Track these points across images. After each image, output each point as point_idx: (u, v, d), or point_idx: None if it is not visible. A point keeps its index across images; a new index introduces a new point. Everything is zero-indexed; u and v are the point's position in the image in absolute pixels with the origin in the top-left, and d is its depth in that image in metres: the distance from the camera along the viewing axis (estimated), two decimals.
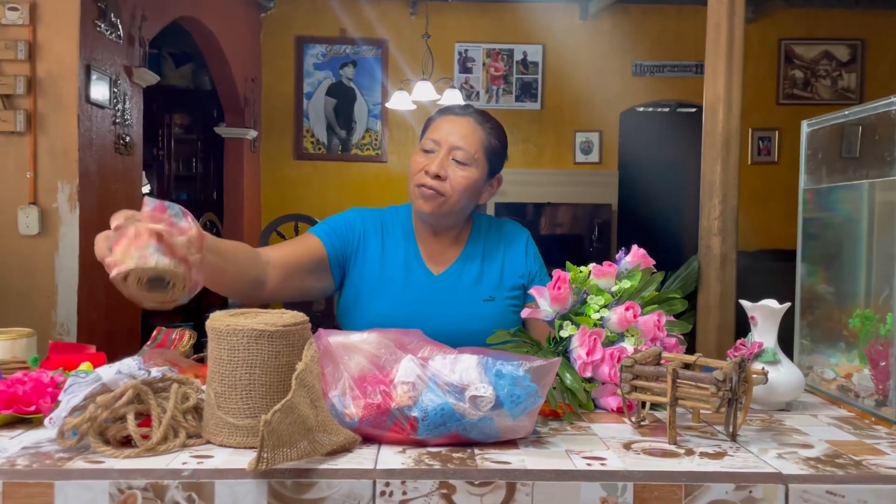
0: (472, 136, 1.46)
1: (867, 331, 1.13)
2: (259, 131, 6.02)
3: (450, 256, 1.53)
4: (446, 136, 1.45)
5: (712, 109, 3.26)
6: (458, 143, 1.44)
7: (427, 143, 1.47)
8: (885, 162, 1.07)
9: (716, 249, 3.44)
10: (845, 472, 0.87)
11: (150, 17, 3.98)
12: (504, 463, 0.88)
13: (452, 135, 1.45)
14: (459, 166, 1.44)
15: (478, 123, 1.48)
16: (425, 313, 1.45)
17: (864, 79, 6.39)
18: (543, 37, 6.25)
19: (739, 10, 3.18)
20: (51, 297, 3.26)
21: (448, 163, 1.44)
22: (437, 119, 1.50)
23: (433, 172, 1.42)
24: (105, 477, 0.83)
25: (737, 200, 3.34)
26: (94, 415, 0.89)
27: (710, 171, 3.33)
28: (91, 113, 3.36)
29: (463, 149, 1.44)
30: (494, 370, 0.94)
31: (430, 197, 1.44)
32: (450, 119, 1.48)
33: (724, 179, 3.31)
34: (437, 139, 1.46)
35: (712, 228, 3.47)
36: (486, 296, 1.49)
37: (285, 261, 1.40)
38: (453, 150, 1.44)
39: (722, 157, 3.33)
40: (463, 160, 1.44)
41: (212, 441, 0.93)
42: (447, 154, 1.44)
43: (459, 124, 1.47)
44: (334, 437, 0.90)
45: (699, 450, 0.94)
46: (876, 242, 1.12)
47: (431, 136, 1.47)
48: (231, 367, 0.92)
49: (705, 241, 3.46)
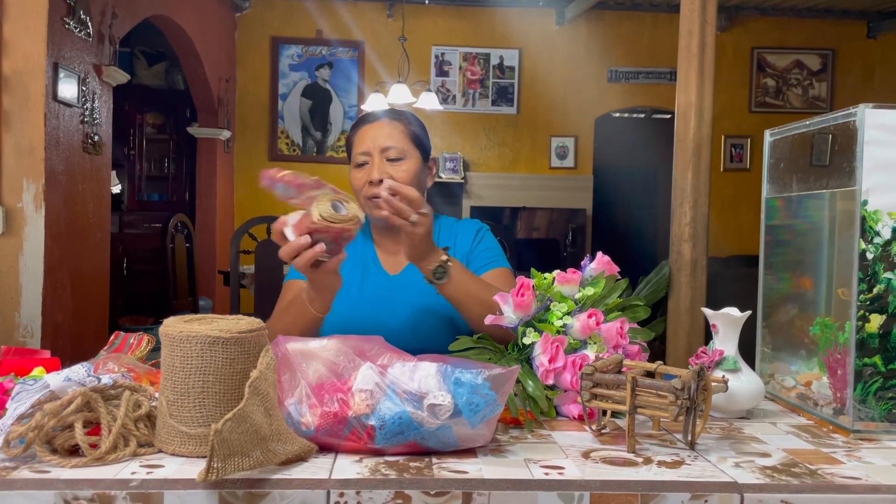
0: (393, 132, 1.50)
1: (827, 339, 1.13)
2: (233, 132, 5.97)
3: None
4: (372, 143, 1.49)
5: (684, 116, 3.29)
6: (385, 144, 1.48)
7: (358, 158, 1.50)
8: (845, 172, 1.07)
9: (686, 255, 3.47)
10: (800, 481, 0.87)
11: (121, 14, 3.92)
12: (461, 472, 0.87)
13: (377, 139, 1.49)
14: (396, 163, 1.48)
15: (393, 119, 1.53)
16: (382, 311, 1.49)
17: (834, 88, 6.50)
18: (520, 41, 6.27)
19: (711, 18, 3.22)
20: (14, 299, 3.19)
21: (384, 165, 1.48)
22: (357, 132, 1.54)
23: (375, 179, 1.45)
24: (50, 487, 0.81)
25: (708, 207, 3.37)
26: (40, 423, 0.86)
27: (681, 177, 3.35)
28: (58, 111, 3.30)
29: (392, 146, 1.48)
30: (453, 378, 0.93)
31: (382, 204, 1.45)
32: (367, 127, 1.53)
33: (696, 186, 3.34)
34: (366, 150, 1.49)
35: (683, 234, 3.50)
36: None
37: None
38: (384, 151, 1.48)
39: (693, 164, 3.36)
40: (396, 156, 1.48)
41: (164, 450, 0.91)
42: (380, 158, 1.48)
43: (378, 127, 1.51)
44: (289, 446, 0.88)
45: (657, 458, 0.94)
46: (836, 251, 1.13)
47: (359, 150, 1.50)
48: (184, 374, 0.90)
49: (676, 247, 3.49)
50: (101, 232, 3.86)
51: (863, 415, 1.05)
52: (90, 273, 3.70)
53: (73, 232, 3.49)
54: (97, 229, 3.79)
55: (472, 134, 6.26)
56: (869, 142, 1.04)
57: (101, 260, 3.87)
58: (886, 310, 1.04)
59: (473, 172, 6.29)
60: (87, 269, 3.66)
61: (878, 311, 1.04)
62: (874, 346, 1.04)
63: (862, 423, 1.05)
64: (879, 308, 1.04)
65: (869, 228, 1.04)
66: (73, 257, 3.48)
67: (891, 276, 1.04)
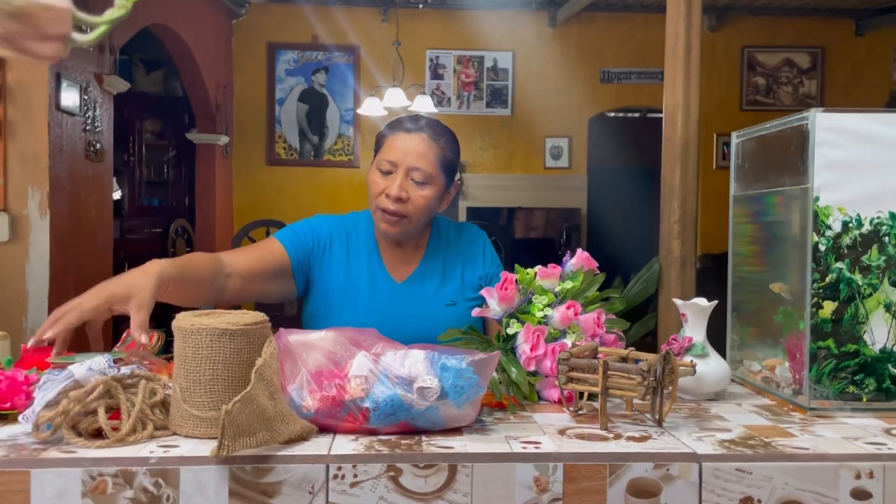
0: (428, 153, 1.48)
1: (789, 326, 1.23)
2: (231, 137, 6.06)
3: (411, 264, 1.58)
4: (402, 157, 1.46)
5: (671, 116, 3.38)
6: (414, 164, 1.46)
7: (384, 165, 1.48)
8: (800, 171, 1.17)
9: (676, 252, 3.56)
10: (754, 451, 0.96)
11: (120, 24, 3.99)
12: (448, 448, 0.96)
13: (409, 155, 1.46)
14: (419, 186, 1.47)
15: (432, 139, 1.49)
16: (390, 321, 1.47)
17: (824, 85, 6.60)
18: (513, 44, 6.37)
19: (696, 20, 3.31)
20: (21, 303, 3.28)
21: (407, 184, 1.47)
22: (390, 136, 1.51)
23: (394, 196, 1.45)
24: (78, 465, 0.90)
25: (696, 204, 3.46)
26: (67, 409, 0.96)
27: (669, 175, 3.45)
28: (61, 120, 3.39)
29: (420, 169, 1.46)
30: (440, 364, 1.02)
31: (394, 222, 1.48)
32: (403, 136, 1.49)
33: (684, 184, 3.43)
34: (394, 160, 1.47)
35: (672, 232, 3.59)
36: (447, 301, 1.56)
37: (247, 267, 1.47)
38: (411, 171, 1.46)
39: (681, 162, 3.45)
40: (421, 180, 1.47)
41: (178, 433, 1.00)
42: (405, 175, 1.47)
43: (414, 142, 1.48)
44: (292, 426, 0.97)
45: (627, 434, 1.03)
46: (793, 244, 1.22)
47: (387, 157, 1.48)
48: (195, 363, 0.99)
49: (666, 244, 3.57)
50: (104, 237, 3.95)
51: (818, 394, 1.14)
52: (94, 278, 3.76)
53: (77, 238, 3.58)
54: (100, 235, 3.88)
55: (468, 136, 6.35)
56: (820, 143, 1.13)
57: (105, 265, 3.96)
58: (838, 297, 1.13)
59: (469, 174, 6.38)
60: (91, 274, 3.75)
61: (831, 298, 1.13)
62: (827, 330, 1.14)
63: (818, 401, 1.14)
64: (832, 295, 1.13)
65: (821, 223, 1.13)
66: (77, 262, 3.57)
67: (841, 266, 1.13)
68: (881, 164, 1.13)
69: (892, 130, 1.13)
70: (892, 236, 1.13)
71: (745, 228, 1.41)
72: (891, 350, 1.13)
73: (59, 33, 0.60)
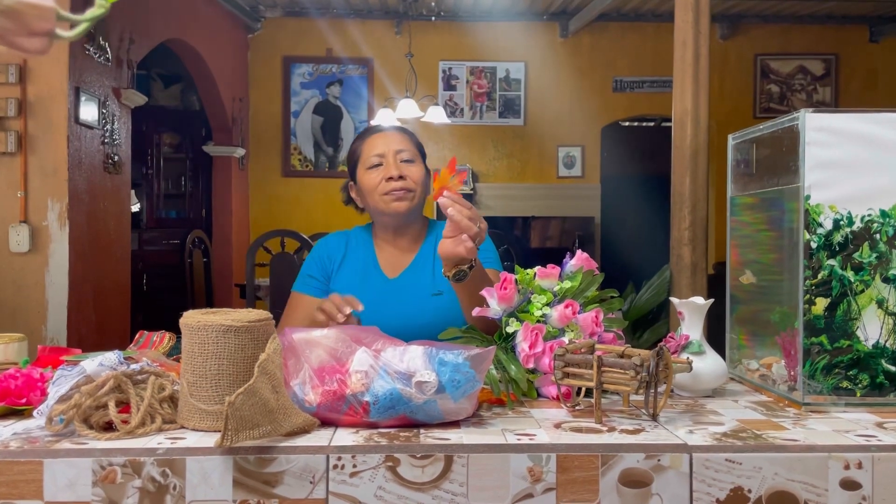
0: (403, 140, 1.66)
1: (784, 325, 1.24)
2: (247, 149, 6.14)
3: (404, 261, 1.69)
4: (387, 146, 1.63)
5: (680, 124, 3.40)
6: (399, 147, 1.63)
7: (372, 160, 1.63)
8: (791, 170, 1.19)
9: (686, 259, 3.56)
10: (744, 443, 0.98)
11: (138, 40, 4.10)
12: (444, 440, 0.99)
13: (390, 144, 1.64)
14: (409, 164, 1.63)
15: (400, 132, 1.69)
16: (381, 312, 1.56)
17: (838, 92, 6.57)
18: (525, 54, 6.41)
19: (704, 28, 3.33)
20: (41, 312, 3.35)
21: (400, 164, 1.62)
22: (367, 139, 1.67)
23: (396, 174, 1.59)
24: (88, 455, 0.94)
25: (706, 211, 3.46)
26: (78, 402, 1.00)
27: (679, 182, 3.46)
28: (80, 133, 3.47)
29: (405, 150, 1.64)
30: (438, 359, 1.05)
31: (402, 197, 1.61)
32: (378, 135, 1.67)
33: (693, 191, 3.45)
34: (381, 152, 1.63)
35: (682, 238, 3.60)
36: (435, 290, 1.63)
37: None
38: (398, 153, 1.63)
39: (691, 169, 3.47)
40: (409, 158, 1.63)
41: (185, 426, 1.04)
42: (394, 158, 1.62)
43: (389, 135, 1.66)
44: (294, 419, 1.01)
45: (620, 427, 1.06)
46: (786, 242, 1.24)
47: (373, 153, 1.64)
48: (202, 359, 1.03)
49: (676, 251, 3.58)
50: (122, 248, 4.02)
51: (812, 389, 1.16)
52: (112, 288, 3.86)
53: (96, 249, 3.66)
54: (118, 246, 3.95)
55: (481, 146, 6.39)
56: (810, 143, 1.15)
57: (123, 275, 4.04)
58: (830, 293, 1.15)
59: (483, 183, 6.42)
60: (109, 285, 3.83)
61: (823, 294, 1.15)
62: (820, 326, 1.15)
63: (812, 396, 1.16)
64: (824, 292, 1.15)
65: (812, 221, 1.15)
66: (95, 273, 3.64)
67: (833, 263, 1.15)
68: (871, 162, 1.15)
69: (880, 129, 1.16)
70: (883, 233, 1.15)
71: (743, 229, 1.42)
72: (884, 345, 1.15)
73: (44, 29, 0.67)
